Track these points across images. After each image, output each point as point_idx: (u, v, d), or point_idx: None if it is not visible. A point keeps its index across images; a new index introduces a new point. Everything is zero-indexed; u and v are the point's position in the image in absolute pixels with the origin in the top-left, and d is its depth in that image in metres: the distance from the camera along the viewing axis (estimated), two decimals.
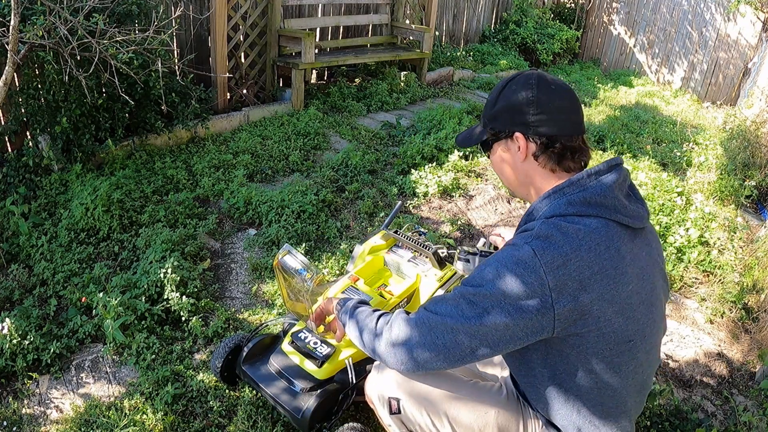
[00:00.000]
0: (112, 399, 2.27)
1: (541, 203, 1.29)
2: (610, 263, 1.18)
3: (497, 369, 1.77)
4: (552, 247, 1.16)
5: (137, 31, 3.20)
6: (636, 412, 1.39)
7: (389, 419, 1.57)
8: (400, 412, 1.52)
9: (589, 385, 1.27)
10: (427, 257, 2.14)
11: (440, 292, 2.07)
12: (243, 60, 5.15)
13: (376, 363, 1.66)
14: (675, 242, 3.40)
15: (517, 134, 1.31)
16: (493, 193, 4.09)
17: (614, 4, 9.55)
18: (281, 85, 5.62)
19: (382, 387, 1.56)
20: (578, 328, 1.18)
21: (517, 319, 1.17)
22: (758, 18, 7.76)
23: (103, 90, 3.53)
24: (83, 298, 2.71)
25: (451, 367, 1.29)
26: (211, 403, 2.22)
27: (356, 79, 6.39)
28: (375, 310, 1.48)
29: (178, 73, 4.25)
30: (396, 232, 2.26)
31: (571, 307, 1.16)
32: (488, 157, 1.43)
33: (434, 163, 4.36)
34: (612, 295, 1.18)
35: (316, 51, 5.71)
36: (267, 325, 2.55)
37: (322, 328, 1.82)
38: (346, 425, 1.89)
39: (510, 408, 1.48)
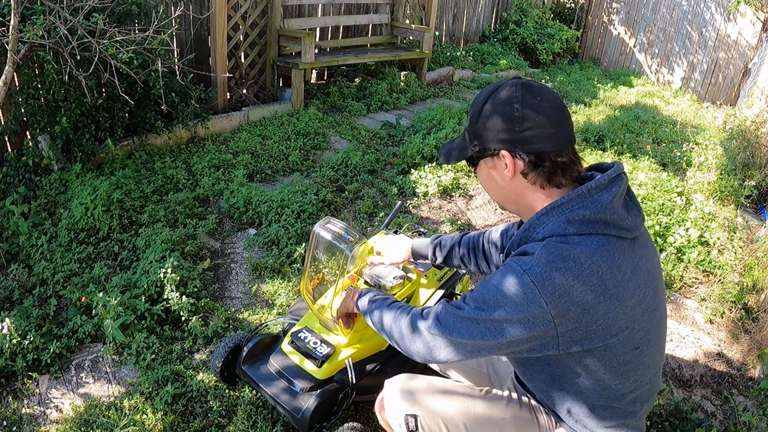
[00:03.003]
0: (111, 399, 2.26)
1: (538, 220, 1.25)
2: (612, 283, 1.16)
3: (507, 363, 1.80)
4: (553, 276, 1.14)
5: (137, 31, 3.20)
6: (647, 408, 1.41)
7: None
8: (417, 429, 1.50)
9: (593, 387, 1.30)
10: None
11: (440, 292, 2.07)
12: (243, 60, 5.15)
13: (387, 385, 1.61)
14: (675, 242, 3.40)
15: (503, 152, 1.23)
16: None
17: (614, 4, 9.55)
18: (281, 84, 5.61)
19: (398, 407, 1.53)
20: (584, 346, 1.20)
21: (520, 341, 1.21)
22: (758, 18, 7.76)
23: (103, 90, 3.53)
24: (83, 298, 2.71)
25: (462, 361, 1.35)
26: (211, 403, 2.22)
27: (356, 79, 6.38)
28: (393, 303, 1.52)
29: (178, 72, 4.25)
30: (396, 232, 2.26)
31: (574, 329, 1.17)
32: (474, 173, 1.37)
33: (434, 163, 4.35)
34: (616, 313, 1.18)
35: (316, 51, 5.71)
36: (267, 325, 2.55)
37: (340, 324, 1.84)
38: (346, 425, 1.89)
39: (524, 412, 1.51)
